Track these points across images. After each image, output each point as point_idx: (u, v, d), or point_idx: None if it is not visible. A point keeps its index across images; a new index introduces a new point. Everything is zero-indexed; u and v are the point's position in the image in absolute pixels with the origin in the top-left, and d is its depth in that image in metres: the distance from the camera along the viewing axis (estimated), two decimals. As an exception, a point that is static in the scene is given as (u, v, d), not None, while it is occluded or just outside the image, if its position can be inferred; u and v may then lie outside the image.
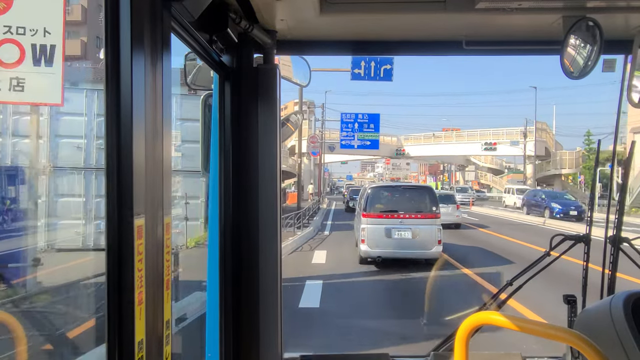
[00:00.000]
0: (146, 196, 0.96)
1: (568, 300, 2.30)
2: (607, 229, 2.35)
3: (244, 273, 1.84)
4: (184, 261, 8.09)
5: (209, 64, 1.67)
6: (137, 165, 0.93)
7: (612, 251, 2.30)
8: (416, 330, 7.04)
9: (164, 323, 1.04)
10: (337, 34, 2.04)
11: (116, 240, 0.91)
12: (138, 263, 0.93)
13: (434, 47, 2.10)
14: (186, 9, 1.21)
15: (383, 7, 1.78)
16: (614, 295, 1.88)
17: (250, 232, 1.84)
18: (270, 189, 1.85)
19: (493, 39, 2.04)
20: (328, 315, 8.04)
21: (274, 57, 1.90)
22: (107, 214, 0.91)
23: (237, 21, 1.60)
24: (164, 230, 1.04)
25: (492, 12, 1.72)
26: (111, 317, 0.91)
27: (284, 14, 1.77)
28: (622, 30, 1.89)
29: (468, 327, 1.68)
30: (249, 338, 1.85)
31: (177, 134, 8.87)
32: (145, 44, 0.96)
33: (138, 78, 0.93)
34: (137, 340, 0.92)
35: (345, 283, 10.58)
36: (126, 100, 0.91)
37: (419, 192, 13.18)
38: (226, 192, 1.80)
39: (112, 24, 0.91)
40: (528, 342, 5.44)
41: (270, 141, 1.84)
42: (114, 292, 0.91)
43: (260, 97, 1.82)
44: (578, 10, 1.69)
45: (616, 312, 1.72)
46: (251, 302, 1.84)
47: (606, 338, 1.68)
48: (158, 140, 1.01)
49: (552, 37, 1.81)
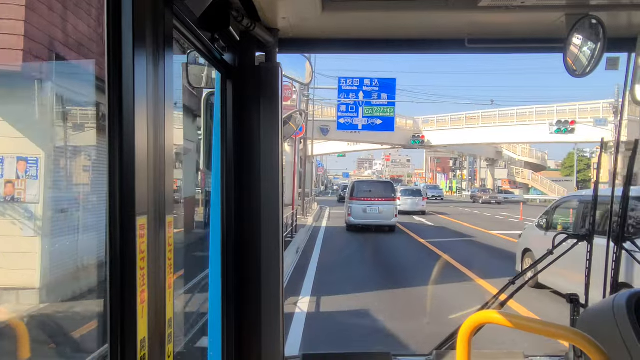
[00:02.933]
0: (148, 195, 0.96)
1: (571, 299, 2.29)
2: (610, 228, 2.34)
3: (245, 272, 1.84)
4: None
5: (211, 62, 1.67)
6: (140, 163, 0.93)
7: (615, 250, 2.29)
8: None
9: (166, 321, 1.04)
10: (339, 32, 2.03)
11: (118, 239, 0.91)
12: (140, 261, 0.93)
13: (437, 45, 2.10)
14: (188, 7, 1.21)
15: (385, 5, 1.77)
16: (616, 294, 1.87)
17: (252, 230, 1.84)
18: (272, 187, 1.85)
19: (496, 37, 2.03)
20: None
21: (276, 55, 1.90)
22: (109, 212, 0.91)
23: (239, 19, 1.59)
24: (166, 228, 1.04)
25: (494, 10, 1.71)
26: (113, 315, 0.91)
27: (286, 12, 1.77)
28: (626, 28, 1.89)
29: (470, 325, 1.68)
30: (250, 336, 1.85)
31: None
32: (147, 42, 0.96)
33: (140, 77, 0.93)
34: (139, 339, 0.92)
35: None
36: (128, 99, 0.91)
37: (384, 185, 20.51)
38: (228, 190, 1.80)
39: (114, 22, 0.91)
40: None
41: (272, 139, 1.84)
42: (116, 290, 0.91)
43: (262, 95, 1.82)
44: (581, 8, 1.68)
45: (619, 311, 1.71)
46: (253, 301, 1.84)
47: (609, 337, 1.68)
48: (160, 138, 1.01)
49: (555, 35, 1.80)
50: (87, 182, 6.83)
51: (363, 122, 24.41)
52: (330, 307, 8.02)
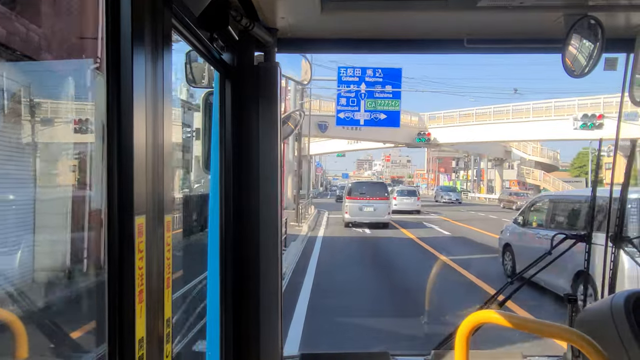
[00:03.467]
0: (147, 194, 0.96)
1: (569, 299, 2.30)
2: (608, 228, 2.35)
3: (244, 272, 1.84)
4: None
5: (209, 61, 1.66)
6: (138, 163, 0.93)
7: (613, 250, 2.30)
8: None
9: (165, 321, 1.04)
10: (338, 32, 2.03)
11: (117, 238, 0.91)
12: (139, 261, 0.93)
13: (436, 45, 2.10)
14: (187, 6, 1.20)
15: (384, 5, 1.77)
16: (614, 294, 1.88)
17: (251, 230, 1.84)
18: (271, 187, 1.84)
19: (494, 37, 2.03)
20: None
21: (275, 55, 1.90)
22: (108, 212, 0.91)
23: (238, 19, 1.59)
24: (165, 228, 1.04)
25: (493, 10, 1.71)
26: (112, 315, 0.90)
27: (285, 12, 1.77)
28: (624, 28, 1.89)
29: (469, 325, 1.68)
30: (249, 336, 1.85)
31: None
32: (146, 41, 0.96)
33: (139, 76, 0.93)
34: (137, 339, 0.92)
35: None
36: (127, 98, 0.91)
37: (378, 185, 23.48)
38: (227, 190, 1.80)
39: (113, 21, 0.91)
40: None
41: (271, 139, 1.84)
42: (114, 290, 0.91)
43: (261, 95, 1.82)
44: (580, 8, 1.68)
45: (617, 311, 1.72)
46: (252, 300, 1.84)
47: (607, 337, 1.68)
48: (159, 138, 1.01)
49: (554, 35, 1.80)
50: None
51: (365, 117, 22.36)
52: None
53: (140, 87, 0.94)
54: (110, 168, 0.91)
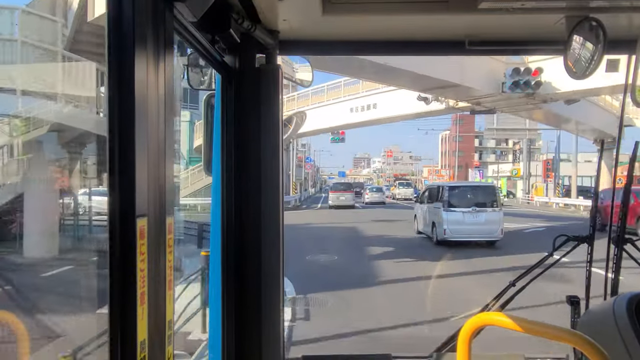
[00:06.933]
0: (148, 196, 0.96)
1: (571, 301, 2.29)
2: (610, 230, 2.34)
3: (246, 274, 1.84)
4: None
5: (211, 64, 1.67)
6: (140, 165, 0.93)
7: (616, 252, 2.29)
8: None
9: (166, 323, 1.04)
10: (339, 34, 2.03)
11: (118, 241, 0.91)
12: (140, 263, 0.93)
13: (437, 47, 2.10)
14: (188, 9, 1.21)
15: (386, 7, 1.77)
16: (617, 296, 1.87)
17: (253, 232, 1.84)
18: (273, 189, 1.84)
19: (496, 39, 2.03)
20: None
21: (277, 57, 1.90)
22: (109, 214, 0.91)
23: (240, 21, 1.60)
24: (166, 230, 1.04)
25: (494, 12, 1.71)
26: (113, 317, 0.90)
27: (287, 14, 1.77)
28: (626, 30, 1.89)
29: (471, 327, 1.67)
30: (251, 338, 1.85)
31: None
32: (147, 44, 0.96)
33: (141, 78, 0.93)
34: (139, 341, 0.92)
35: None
36: (129, 101, 0.91)
37: (347, 184, 40.86)
38: (228, 192, 1.80)
39: (115, 24, 0.91)
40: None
41: (273, 141, 1.84)
42: (116, 292, 0.91)
43: (262, 97, 1.82)
44: (581, 10, 1.68)
45: (620, 313, 1.71)
46: (253, 302, 1.84)
47: (609, 339, 1.67)
48: (161, 140, 1.01)
49: (555, 37, 1.80)
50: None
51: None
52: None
53: (142, 89, 0.94)
54: (112, 170, 0.91)
